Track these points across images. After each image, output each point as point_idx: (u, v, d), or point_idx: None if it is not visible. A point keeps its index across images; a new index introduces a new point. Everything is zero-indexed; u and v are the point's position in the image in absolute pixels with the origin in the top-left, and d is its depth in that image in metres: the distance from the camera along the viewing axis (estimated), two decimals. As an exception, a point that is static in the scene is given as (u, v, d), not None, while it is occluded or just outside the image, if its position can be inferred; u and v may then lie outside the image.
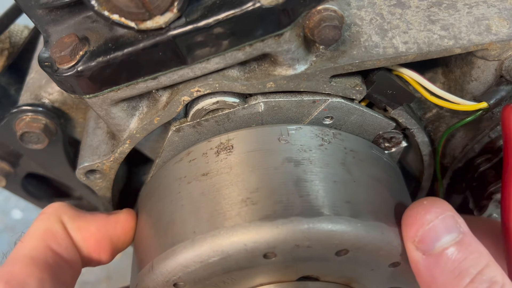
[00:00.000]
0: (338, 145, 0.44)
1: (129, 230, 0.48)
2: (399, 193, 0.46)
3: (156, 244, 0.43)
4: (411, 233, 0.40)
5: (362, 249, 0.40)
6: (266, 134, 0.44)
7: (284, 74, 0.42)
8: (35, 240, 0.43)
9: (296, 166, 0.41)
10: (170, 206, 0.43)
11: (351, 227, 0.39)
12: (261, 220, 0.38)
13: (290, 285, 0.44)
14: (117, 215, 0.48)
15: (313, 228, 0.38)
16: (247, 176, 0.41)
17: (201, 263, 0.39)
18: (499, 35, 0.42)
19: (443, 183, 0.56)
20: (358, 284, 0.46)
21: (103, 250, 0.47)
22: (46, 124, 0.55)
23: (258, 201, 0.39)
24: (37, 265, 0.41)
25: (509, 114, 0.44)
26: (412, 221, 0.40)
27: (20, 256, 0.42)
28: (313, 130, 0.44)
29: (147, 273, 0.42)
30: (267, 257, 0.39)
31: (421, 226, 0.39)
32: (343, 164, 0.43)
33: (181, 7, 0.36)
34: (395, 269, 0.43)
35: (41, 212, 0.46)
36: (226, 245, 0.38)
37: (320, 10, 0.39)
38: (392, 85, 0.45)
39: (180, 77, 0.41)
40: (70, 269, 0.44)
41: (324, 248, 0.39)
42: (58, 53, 0.39)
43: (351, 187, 0.41)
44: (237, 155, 0.43)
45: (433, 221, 0.39)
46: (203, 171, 0.43)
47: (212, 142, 0.45)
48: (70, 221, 0.46)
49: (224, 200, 0.40)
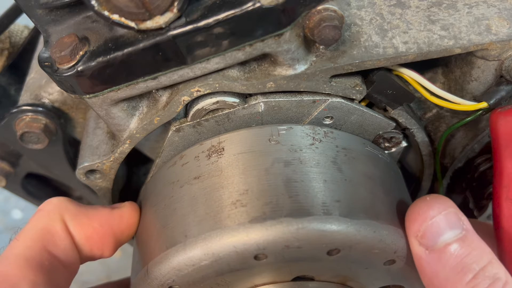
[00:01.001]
0: (330, 143, 0.44)
1: (133, 224, 0.47)
2: (395, 190, 0.46)
3: (151, 248, 0.43)
4: (414, 228, 0.40)
5: (354, 248, 0.40)
6: (257, 136, 0.44)
7: (284, 74, 0.42)
8: (30, 240, 0.42)
9: (286, 167, 0.41)
10: (163, 211, 0.44)
11: (341, 226, 0.39)
12: (251, 222, 0.38)
13: (285, 285, 0.44)
14: (120, 209, 0.47)
15: (302, 229, 0.38)
16: (237, 178, 0.41)
17: (193, 266, 0.40)
18: (499, 35, 0.42)
19: (443, 183, 0.56)
20: (354, 282, 0.46)
21: (106, 246, 0.46)
22: (46, 124, 0.55)
23: (248, 203, 0.39)
24: (31, 267, 0.40)
25: (496, 119, 0.44)
26: (415, 217, 0.40)
27: (14, 255, 0.40)
28: (304, 129, 0.44)
29: (143, 278, 0.43)
30: (258, 259, 0.39)
31: (424, 221, 0.39)
32: (334, 162, 0.43)
33: (181, 7, 0.36)
34: (390, 267, 0.43)
35: (39, 208, 0.45)
36: (217, 248, 0.39)
37: (320, 10, 0.39)
38: (392, 85, 0.45)
39: (180, 77, 0.41)
40: (66, 271, 0.43)
41: (315, 248, 0.39)
42: (58, 53, 0.39)
43: (342, 186, 0.41)
44: (227, 158, 0.43)
45: (436, 217, 0.39)
46: (194, 175, 0.43)
47: (204, 145, 0.45)
48: (71, 219, 0.44)
49: (215, 203, 0.41)
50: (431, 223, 0.39)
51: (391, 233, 0.40)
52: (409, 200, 0.47)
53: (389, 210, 0.42)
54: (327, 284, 0.45)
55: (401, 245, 0.41)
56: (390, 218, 0.41)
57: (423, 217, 0.39)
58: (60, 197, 0.46)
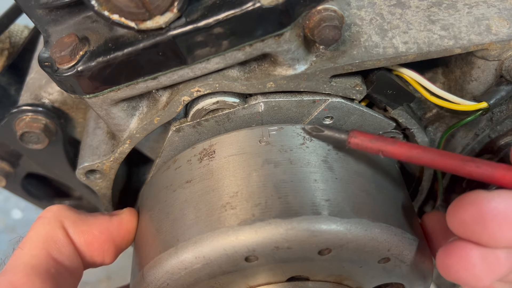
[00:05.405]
0: (321, 142, 0.44)
1: (132, 230, 0.47)
2: (389, 188, 0.45)
3: (147, 252, 0.43)
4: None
5: (346, 247, 0.39)
6: (247, 137, 0.44)
7: (284, 74, 0.42)
8: (35, 248, 0.42)
9: (276, 167, 0.41)
10: (158, 215, 0.44)
11: (331, 226, 0.38)
12: (240, 225, 0.38)
13: (279, 286, 0.44)
14: (119, 216, 0.47)
15: (292, 229, 0.38)
16: (227, 181, 0.41)
17: (185, 270, 0.40)
18: (499, 35, 0.42)
19: (443, 183, 0.56)
20: (350, 281, 0.46)
21: (107, 253, 0.46)
22: (46, 124, 0.55)
23: (237, 205, 0.39)
24: (38, 275, 0.40)
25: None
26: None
27: (21, 264, 0.41)
28: (294, 129, 0.44)
29: (139, 282, 0.43)
30: (249, 261, 0.39)
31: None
32: (325, 161, 0.43)
33: (181, 7, 0.36)
34: (386, 265, 0.43)
35: (39, 215, 0.45)
36: (207, 251, 0.39)
37: (320, 10, 0.39)
38: (392, 85, 0.45)
39: (180, 77, 0.41)
40: (72, 277, 0.43)
41: (305, 248, 0.39)
42: (58, 53, 0.39)
43: (332, 185, 0.41)
44: (218, 160, 0.43)
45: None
46: (186, 178, 0.44)
47: (196, 148, 0.45)
48: (72, 226, 0.44)
49: (205, 206, 0.41)
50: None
51: (384, 231, 0.40)
52: (406, 198, 0.47)
53: (382, 208, 0.42)
54: (322, 284, 0.45)
55: (394, 242, 0.41)
56: (383, 216, 0.41)
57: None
58: (59, 204, 0.47)
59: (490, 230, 0.35)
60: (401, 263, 0.42)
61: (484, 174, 0.37)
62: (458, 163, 0.38)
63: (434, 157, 0.39)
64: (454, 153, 0.39)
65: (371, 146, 0.41)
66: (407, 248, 0.42)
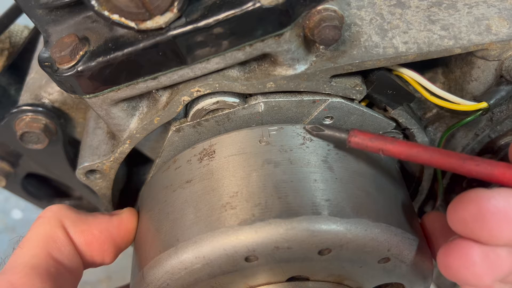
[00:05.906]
0: (321, 142, 0.44)
1: (132, 230, 0.47)
2: (389, 187, 0.45)
3: (146, 252, 0.43)
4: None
5: (346, 247, 0.39)
6: (247, 137, 0.44)
7: (284, 74, 0.42)
8: (35, 247, 0.42)
9: (276, 167, 0.41)
10: (157, 215, 0.44)
11: (331, 226, 0.38)
12: (240, 225, 0.38)
13: (280, 286, 0.44)
14: (119, 216, 0.47)
15: (291, 229, 0.38)
16: (227, 181, 0.41)
17: (185, 270, 0.40)
18: (499, 35, 0.42)
19: (443, 183, 0.56)
20: (351, 281, 0.46)
21: (107, 253, 0.46)
22: (46, 124, 0.55)
23: (237, 206, 0.40)
24: (38, 275, 0.40)
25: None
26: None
27: (21, 264, 0.40)
28: (294, 129, 0.44)
29: (139, 282, 0.43)
30: (249, 261, 0.39)
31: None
32: (325, 161, 0.43)
33: (181, 7, 0.36)
34: (386, 265, 0.42)
35: (39, 215, 0.45)
36: (207, 251, 0.39)
37: (320, 10, 0.39)
38: (392, 85, 0.45)
39: (180, 77, 0.41)
40: (72, 277, 0.43)
41: (305, 248, 0.39)
42: (58, 53, 0.39)
43: (332, 185, 0.41)
44: (218, 160, 0.43)
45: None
46: (187, 178, 0.44)
47: (196, 148, 0.45)
48: (72, 226, 0.44)
49: (205, 206, 0.41)
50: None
51: (384, 231, 0.40)
52: (406, 198, 0.47)
53: (382, 208, 0.42)
54: (322, 284, 0.45)
55: (394, 242, 0.41)
56: (383, 216, 0.41)
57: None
58: (59, 204, 0.47)
59: (490, 227, 0.35)
60: (401, 263, 0.42)
61: (483, 172, 0.37)
62: (458, 161, 0.38)
63: (434, 155, 0.39)
64: (454, 152, 0.39)
65: (371, 145, 0.41)
66: (407, 248, 0.42)
